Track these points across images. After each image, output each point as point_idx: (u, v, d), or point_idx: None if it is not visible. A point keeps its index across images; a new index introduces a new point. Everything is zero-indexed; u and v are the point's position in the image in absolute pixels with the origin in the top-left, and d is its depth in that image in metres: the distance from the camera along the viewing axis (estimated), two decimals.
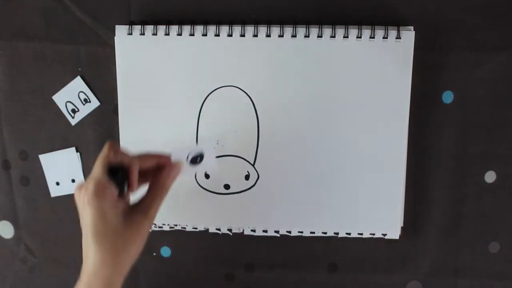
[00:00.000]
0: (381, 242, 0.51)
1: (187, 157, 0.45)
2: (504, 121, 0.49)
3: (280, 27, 0.47)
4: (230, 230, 0.51)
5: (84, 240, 0.41)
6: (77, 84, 0.51)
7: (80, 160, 0.52)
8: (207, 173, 0.50)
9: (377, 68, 0.47)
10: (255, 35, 0.47)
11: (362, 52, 0.47)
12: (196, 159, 0.45)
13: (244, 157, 0.49)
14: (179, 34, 0.48)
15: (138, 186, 0.43)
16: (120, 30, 0.48)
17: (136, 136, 0.50)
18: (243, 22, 0.48)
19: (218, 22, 0.48)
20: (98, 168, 0.39)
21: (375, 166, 0.49)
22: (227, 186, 0.50)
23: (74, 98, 0.51)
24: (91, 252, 0.40)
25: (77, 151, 0.52)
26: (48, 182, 0.53)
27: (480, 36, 0.48)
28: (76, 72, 0.50)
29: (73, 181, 0.53)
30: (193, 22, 0.48)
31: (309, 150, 0.49)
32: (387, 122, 0.48)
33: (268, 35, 0.47)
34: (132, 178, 0.41)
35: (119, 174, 0.40)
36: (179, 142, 0.50)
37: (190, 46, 0.48)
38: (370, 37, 0.47)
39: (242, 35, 0.48)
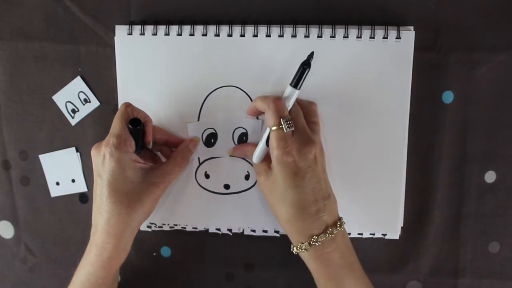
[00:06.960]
0: (381, 242, 0.51)
1: (202, 134, 0.48)
2: (504, 121, 0.49)
3: (280, 27, 0.47)
4: (230, 230, 0.51)
5: (98, 201, 0.42)
6: (77, 84, 0.51)
7: (80, 160, 0.52)
8: (207, 172, 0.50)
9: (377, 68, 0.47)
10: (255, 35, 0.47)
11: (362, 52, 0.47)
12: (211, 139, 0.46)
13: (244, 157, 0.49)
14: (179, 34, 0.48)
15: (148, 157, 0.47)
16: (120, 30, 0.48)
17: None
18: (243, 22, 0.48)
19: (218, 22, 0.48)
20: (117, 125, 0.42)
21: (375, 166, 0.49)
22: (227, 186, 0.50)
23: (74, 98, 0.51)
24: (105, 208, 0.41)
25: (77, 151, 0.52)
26: (48, 182, 0.53)
27: (480, 36, 0.48)
28: (76, 72, 0.50)
29: (73, 181, 0.53)
30: (193, 22, 0.48)
31: None
32: (387, 122, 0.48)
33: (268, 35, 0.47)
34: (148, 129, 0.44)
35: (136, 128, 0.42)
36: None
37: (190, 46, 0.48)
38: (370, 37, 0.47)
39: (242, 35, 0.48)
